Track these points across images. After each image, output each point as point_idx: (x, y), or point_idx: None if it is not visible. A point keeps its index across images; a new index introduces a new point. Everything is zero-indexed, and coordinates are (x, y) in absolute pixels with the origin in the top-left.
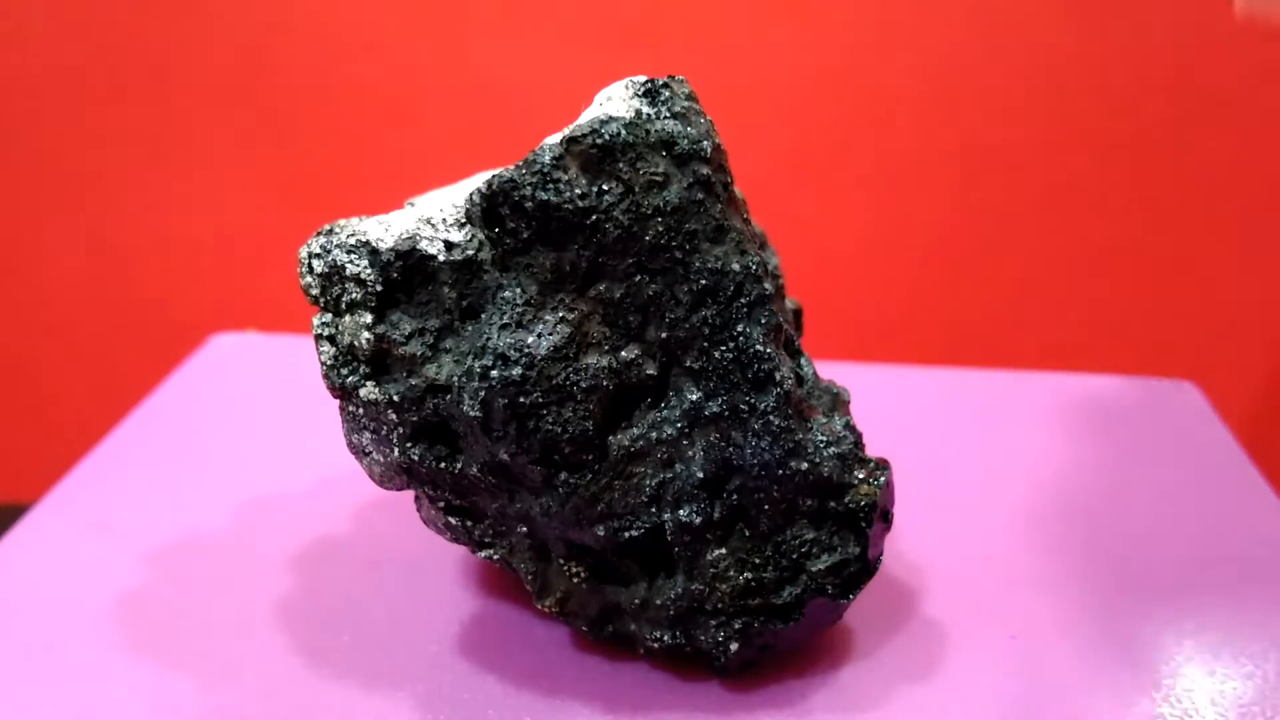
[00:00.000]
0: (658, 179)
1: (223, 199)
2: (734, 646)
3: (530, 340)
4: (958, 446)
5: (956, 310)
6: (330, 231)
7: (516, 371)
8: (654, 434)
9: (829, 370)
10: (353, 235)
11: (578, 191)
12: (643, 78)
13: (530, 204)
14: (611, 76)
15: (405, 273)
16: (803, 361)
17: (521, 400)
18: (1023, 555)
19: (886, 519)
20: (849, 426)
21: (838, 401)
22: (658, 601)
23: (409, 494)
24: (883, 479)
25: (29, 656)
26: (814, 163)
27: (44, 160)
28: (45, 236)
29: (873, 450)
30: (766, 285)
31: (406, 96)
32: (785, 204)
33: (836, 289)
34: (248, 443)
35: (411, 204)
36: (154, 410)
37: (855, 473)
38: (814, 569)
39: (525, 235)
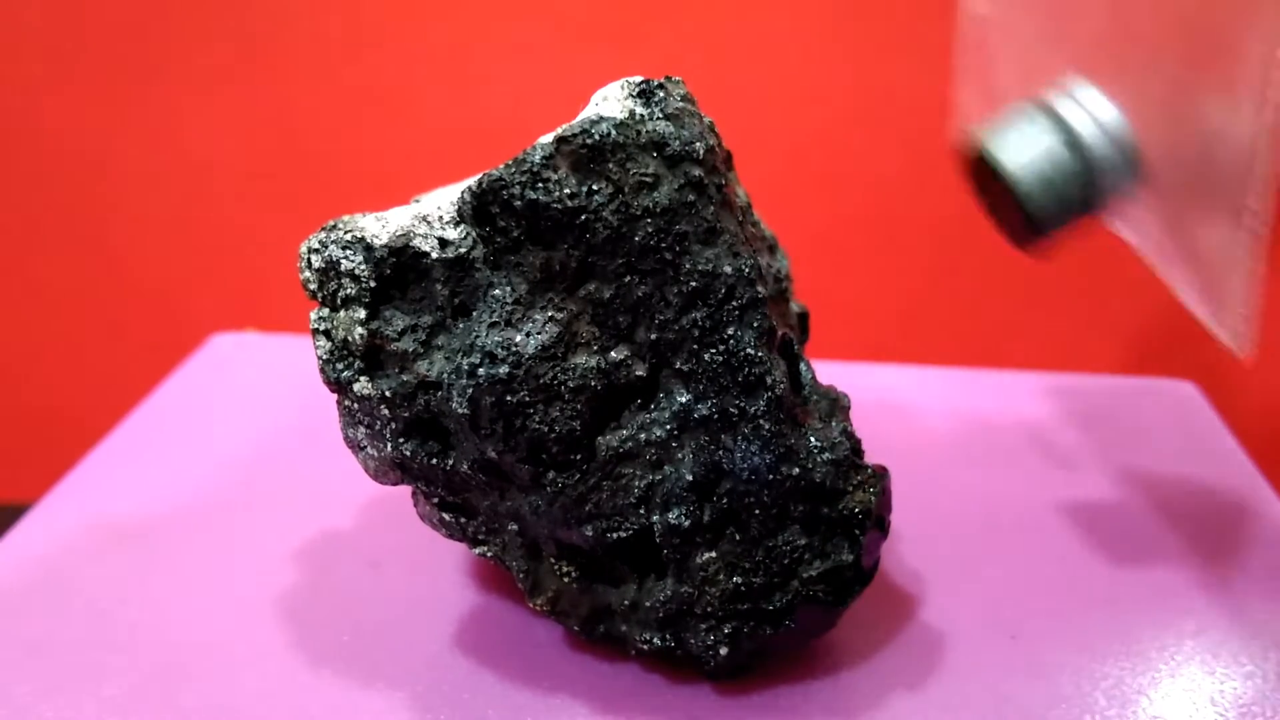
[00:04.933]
0: (647, 180)
1: (223, 198)
2: (724, 650)
3: (518, 339)
4: (958, 446)
5: (957, 310)
6: (331, 228)
7: (503, 370)
8: (643, 435)
9: (829, 370)
10: (350, 232)
11: (567, 191)
12: (639, 78)
13: (519, 203)
14: (621, 75)
15: (399, 269)
16: (802, 366)
17: (508, 399)
18: (1022, 555)
19: (882, 527)
20: (846, 433)
21: (836, 407)
22: (647, 603)
23: (408, 493)
24: (879, 486)
25: (29, 656)
26: (816, 163)
27: (43, 159)
28: (45, 236)
29: (871, 449)
30: (760, 288)
31: (410, 95)
32: (786, 204)
33: (837, 289)
34: (248, 443)
35: (418, 200)
36: (154, 410)
37: (851, 479)
38: (805, 575)
39: (515, 234)
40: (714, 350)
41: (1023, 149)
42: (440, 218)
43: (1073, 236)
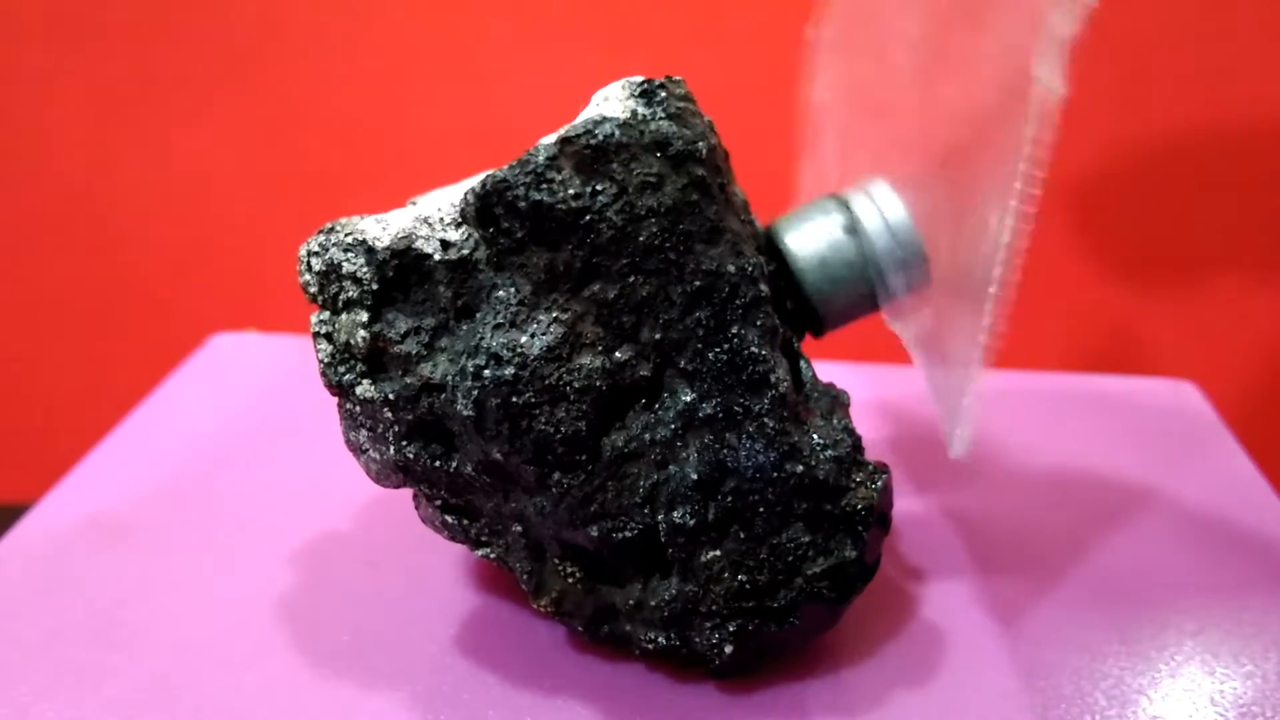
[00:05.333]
0: (651, 180)
1: (223, 199)
2: (729, 649)
3: (523, 340)
4: None
5: None
6: (330, 230)
7: (509, 371)
8: (647, 435)
9: (830, 371)
10: (350, 234)
11: (571, 192)
12: (639, 78)
13: (524, 204)
14: (619, 76)
15: (401, 271)
16: (802, 364)
17: (514, 400)
18: (1023, 555)
19: (884, 523)
20: (847, 430)
21: (837, 404)
22: (652, 603)
23: (408, 493)
24: (880, 483)
25: (29, 656)
26: None
27: (43, 160)
28: (45, 236)
29: (872, 450)
30: (763, 287)
31: (409, 95)
32: (785, 204)
33: None
34: (248, 443)
35: (414, 202)
36: (154, 410)
37: (853, 476)
38: (809, 572)
39: (519, 235)
40: (718, 349)
41: (809, 237)
42: (442, 219)
43: (855, 323)
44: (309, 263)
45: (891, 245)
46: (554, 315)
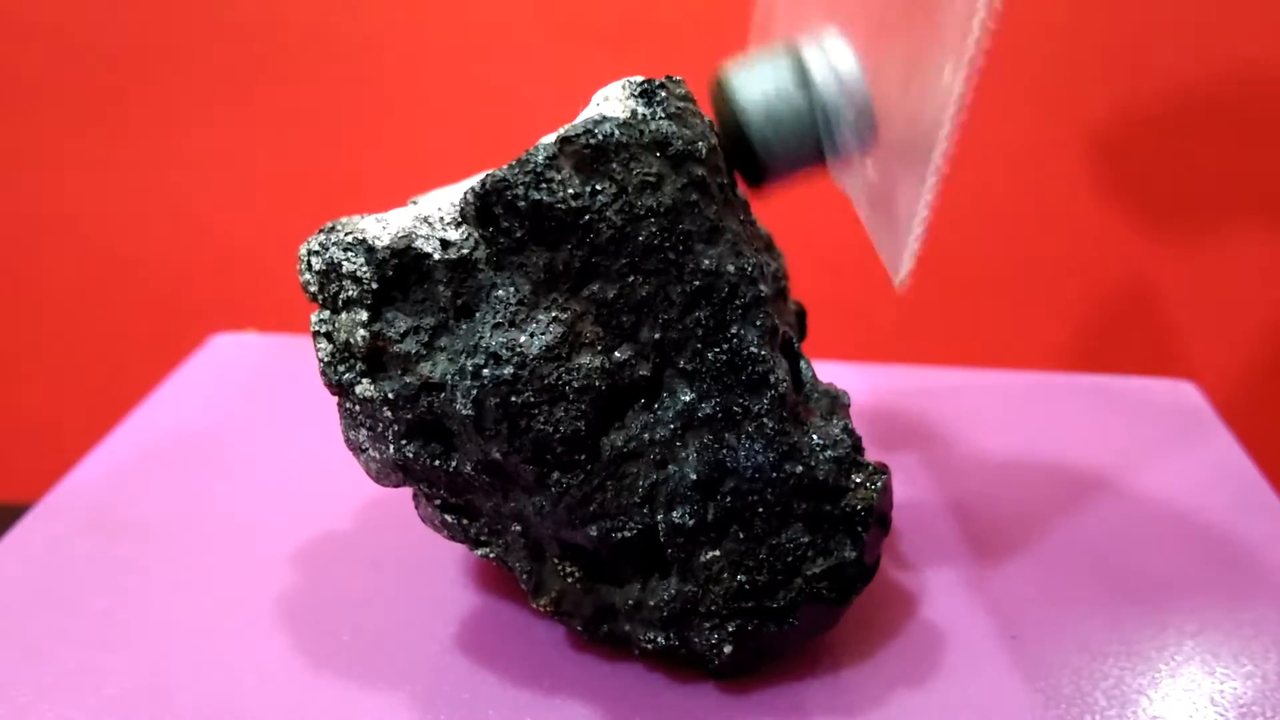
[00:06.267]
0: (651, 179)
1: (223, 199)
2: (728, 649)
3: (523, 339)
4: (957, 447)
5: (956, 310)
6: (330, 229)
7: (508, 370)
8: (646, 435)
9: (830, 371)
10: (350, 233)
11: (570, 191)
12: (639, 78)
13: (523, 203)
14: (620, 76)
15: (401, 271)
16: (802, 364)
17: (513, 399)
18: (1023, 555)
19: (884, 524)
20: (847, 430)
21: (836, 405)
22: (651, 603)
23: (408, 493)
24: (880, 483)
25: (29, 656)
26: None
27: (43, 160)
28: (45, 236)
29: (872, 450)
30: (762, 287)
31: (408, 95)
32: (787, 203)
33: (837, 289)
34: (247, 443)
35: (414, 202)
36: (154, 410)
37: (852, 477)
38: (809, 573)
39: (519, 234)
40: (717, 349)
41: (756, 82)
42: (441, 219)
43: (803, 179)
44: (309, 262)
45: (839, 95)
46: (553, 315)
